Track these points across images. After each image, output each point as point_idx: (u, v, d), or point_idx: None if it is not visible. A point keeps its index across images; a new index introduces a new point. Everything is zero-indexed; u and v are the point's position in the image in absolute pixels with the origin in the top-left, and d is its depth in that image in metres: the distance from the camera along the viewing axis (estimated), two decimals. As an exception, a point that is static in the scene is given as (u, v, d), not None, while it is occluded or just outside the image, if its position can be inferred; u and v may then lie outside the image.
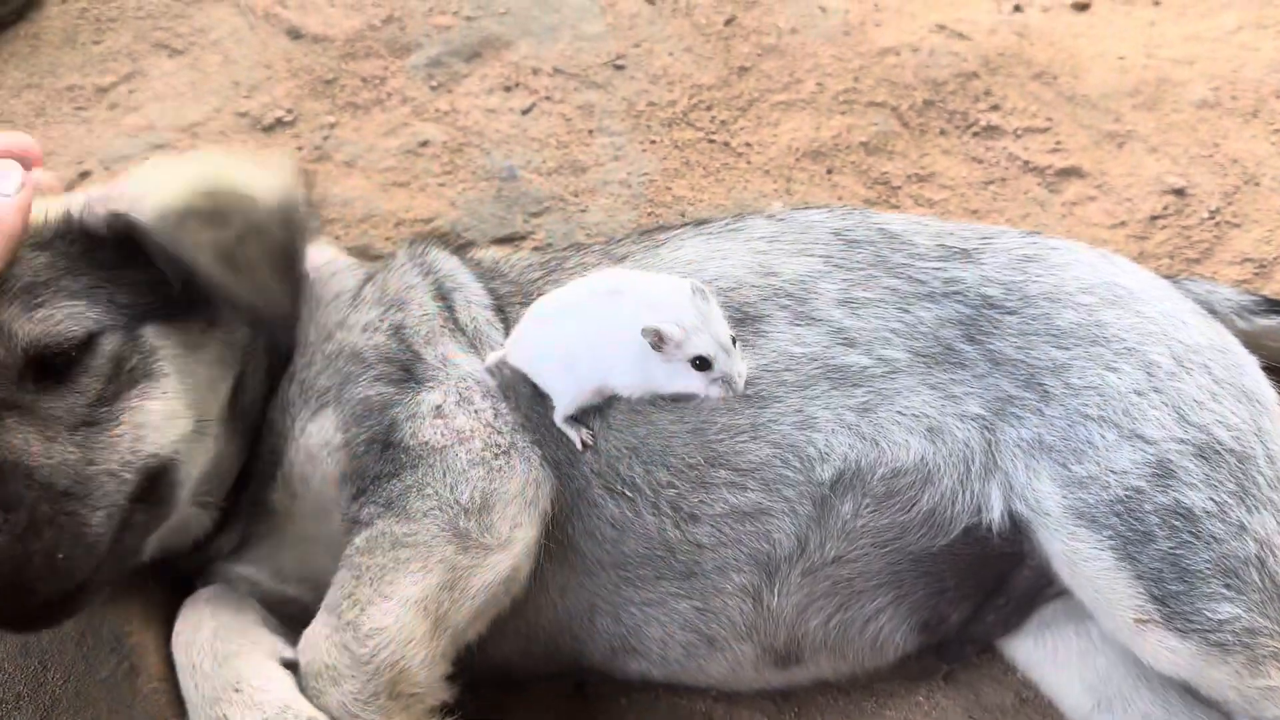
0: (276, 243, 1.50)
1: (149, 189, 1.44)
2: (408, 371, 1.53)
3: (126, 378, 1.41)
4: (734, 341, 1.44)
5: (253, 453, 1.57)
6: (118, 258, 1.42)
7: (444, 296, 1.64)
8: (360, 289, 1.65)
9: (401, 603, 1.35)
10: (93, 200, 1.44)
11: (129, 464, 1.39)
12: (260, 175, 1.56)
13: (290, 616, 1.52)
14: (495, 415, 1.50)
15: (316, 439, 1.51)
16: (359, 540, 1.41)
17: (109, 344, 1.40)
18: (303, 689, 1.34)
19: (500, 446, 1.47)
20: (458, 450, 1.44)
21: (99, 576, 1.37)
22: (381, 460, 1.45)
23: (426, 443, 1.45)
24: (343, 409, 1.50)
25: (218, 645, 1.40)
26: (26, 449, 1.33)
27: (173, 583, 1.60)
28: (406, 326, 1.58)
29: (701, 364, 1.41)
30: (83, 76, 2.57)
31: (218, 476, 1.54)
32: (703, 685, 1.66)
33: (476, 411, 1.49)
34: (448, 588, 1.38)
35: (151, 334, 1.43)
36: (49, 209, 1.48)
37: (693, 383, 1.44)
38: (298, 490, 1.52)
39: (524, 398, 1.55)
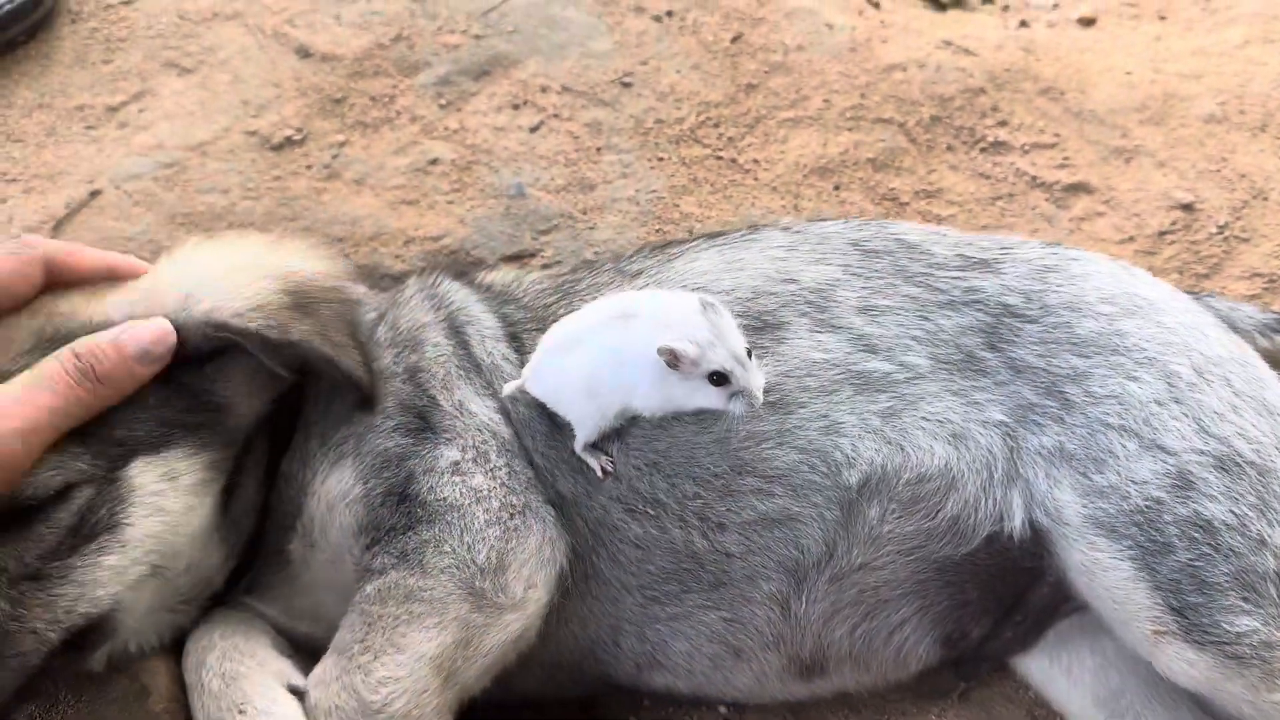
0: (351, 323, 1.56)
1: (231, 292, 1.47)
2: (424, 420, 1.53)
3: (88, 530, 1.37)
4: (749, 354, 1.44)
5: (267, 503, 1.58)
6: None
7: (458, 331, 1.65)
8: (373, 332, 1.65)
9: (416, 657, 1.36)
10: (162, 308, 1.44)
11: (58, 624, 1.36)
12: (310, 260, 1.65)
13: (300, 647, 1.54)
14: (510, 474, 1.51)
15: (335, 490, 1.51)
16: (370, 589, 1.42)
17: (82, 496, 1.37)
18: None
19: (515, 506, 1.48)
20: (475, 510, 1.46)
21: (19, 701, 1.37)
22: (397, 513, 1.47)
23: (445, 499, 1.46)
24: (361, 460, 1.51)
25: (226, 666, 1.41)
26: None
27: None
28: (422, 369, 1.58)
29: (719, 379, 1.43)
30: (93, 96, 2.58)
31: (200, 584, 1.53)
32: (728, 698, 1.67)
33: (492, 470, 1.50)
34: (462, 645, 1.40)
35: (134, 472, 1.41)
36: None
37: (712, 399, 1.45)
38: (316, 541, 1.53)
39: (540, 434, 1.56)
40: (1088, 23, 2.72)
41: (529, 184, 2.38)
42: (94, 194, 2.35)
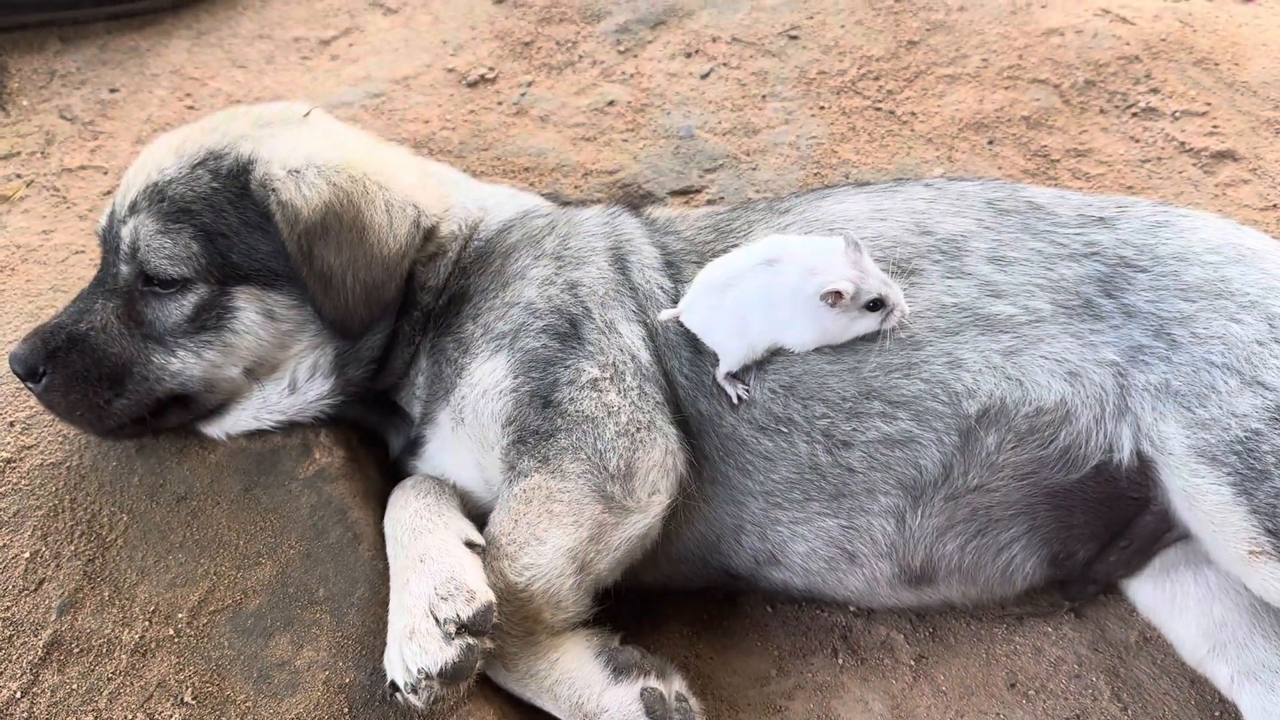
0: (374, 280, 1.71)
1: (298, 173, 1.66)
2: (574, 327, 1.68)
3: (199, 324, 1.69)
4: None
5: (410, 372, 1.80)
6: (259, 219, 1.68)
7: (621, 259, 1.78)
8: (541, 240, 1.80)
9: (555, 549, 1.56)
10: (261, 160, 1.68)
11: (161, 382, 1.70)
12: (399, 211, 1.74)
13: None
14: (640, 395, 1.65)
15: (489, 379, 1.67)
16: (517, 489, 1.60)
17: (195, 295, 1.68)
18: None
19: (641, 422, 1.63)
20: (607, 422, 1.61)
21: (125, 431, 1.73)
22: (541, 416, 1.63)
23: (581, 411, 1.62)
24: (514, 356, 1.67)
25: (416, 522, 1.61)
26: (99, 329, 1.68)
27: (390, 471, 1.83)
28: (583, 284, 1.73)
29: (875, 305, 1.59)
30: (308, 29, 2.78)
31: (299, 407, 1.79)
32: (839, 598, 1.77)
33: (625, 390, 1.65)
34: (594, 540, 1.59)
35: (241, 295, 1.69)
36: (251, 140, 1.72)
37: (871, 323, 1.61)
38: (466, 418, 1.70)
39: (685, 358, 1.70)
40: (1248, -3, 2.71)
41: (698, 126, 2.49)
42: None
